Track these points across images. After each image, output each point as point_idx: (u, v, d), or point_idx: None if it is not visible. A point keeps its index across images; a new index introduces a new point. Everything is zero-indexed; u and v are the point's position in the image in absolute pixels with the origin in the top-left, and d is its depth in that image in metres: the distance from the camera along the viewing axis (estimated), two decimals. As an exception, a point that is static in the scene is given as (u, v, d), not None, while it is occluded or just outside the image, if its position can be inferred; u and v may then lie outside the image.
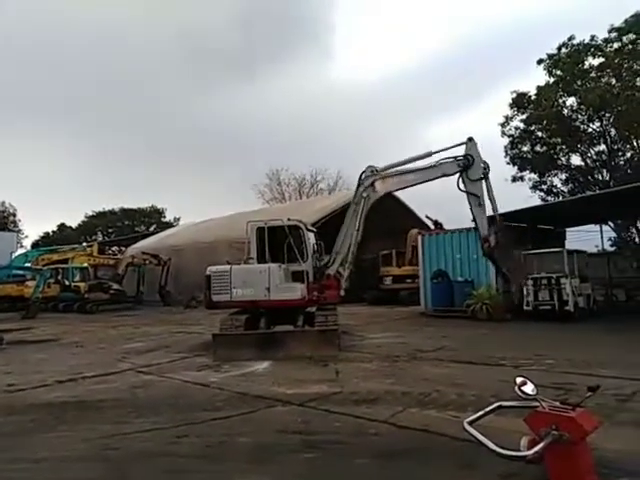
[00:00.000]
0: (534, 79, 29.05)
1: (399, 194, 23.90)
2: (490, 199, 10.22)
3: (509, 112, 28.74)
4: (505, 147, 29.03)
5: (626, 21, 25.06)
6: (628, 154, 27.27)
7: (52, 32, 73.05)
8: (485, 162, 10.13)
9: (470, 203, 10.19)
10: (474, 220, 10.40)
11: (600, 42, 25.96)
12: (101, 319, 18.27)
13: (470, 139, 10.28)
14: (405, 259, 21.37)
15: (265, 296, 9.47)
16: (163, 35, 77.83)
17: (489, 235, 10.12)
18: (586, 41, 26.45)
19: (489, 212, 10.45)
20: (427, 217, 23.62)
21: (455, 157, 10.08)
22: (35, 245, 45.98)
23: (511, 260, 10.58)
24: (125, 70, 75.36)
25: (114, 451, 4.06)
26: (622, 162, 27.42)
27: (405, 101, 75.44)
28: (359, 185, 10.62)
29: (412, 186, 10.86)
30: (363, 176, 10.57)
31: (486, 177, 10.04)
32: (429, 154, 10.13)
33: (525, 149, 28.95)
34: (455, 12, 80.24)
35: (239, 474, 3.56)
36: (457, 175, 10.30)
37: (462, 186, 10.17)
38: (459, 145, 10.10)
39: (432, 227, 21.56)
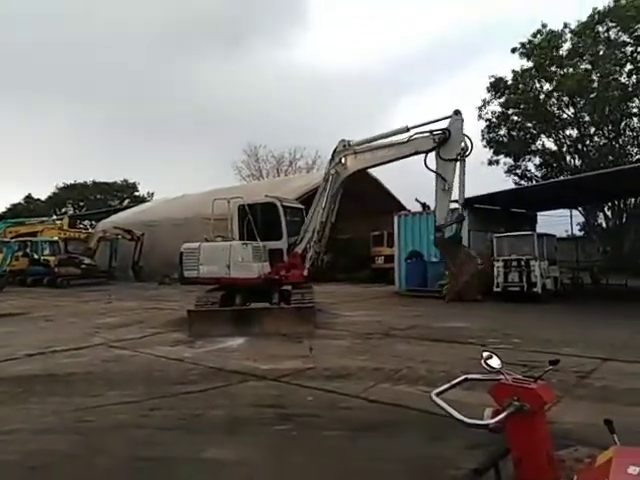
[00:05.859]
0: (510, 65, 29.43)
1: (378, 175, 24.13)
2: (460, 185, 8.49)
3: (487, 96, 29.09)
4: (482, 131, 29.47)
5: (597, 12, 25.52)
6: (597, 138, 27.99)
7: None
8: (469, 141, 8.56)
9: (436, 185, 8.60)
10: (435, 204, 8.84)
11: (579, 27, 26.32)
12: (72, 294, 17.92)
13: (457, 112, 8.62)
14: None
15: (226, 273, 9.46)
16: (138, 5, 74.55)
17: (445, 225, 8.61)
18: (559, 29, 26.99)
19: (455, 196, 8.57)
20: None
21: (431, 131, 8.58)
22: (1, 217, 44.32)
23: (461, 255, 8.59)
24: (94, 39, 71.87)
25: (86, 423, 4.05)
26: (592, 149, 28.14)
27: (379, 81, 74.43)
28: (330, 161, 9.93)
29: (385, 163, 9.83)
30: (335, 151, 9.82)
31: (462, 159, 8.42)
32: (405, 129, 8.89)
33: (501, 133, 29.38)
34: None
35: (213, 445, 3.61)
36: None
37: (432, 165, 8.53)
38: (443, 119, 8.58)
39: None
